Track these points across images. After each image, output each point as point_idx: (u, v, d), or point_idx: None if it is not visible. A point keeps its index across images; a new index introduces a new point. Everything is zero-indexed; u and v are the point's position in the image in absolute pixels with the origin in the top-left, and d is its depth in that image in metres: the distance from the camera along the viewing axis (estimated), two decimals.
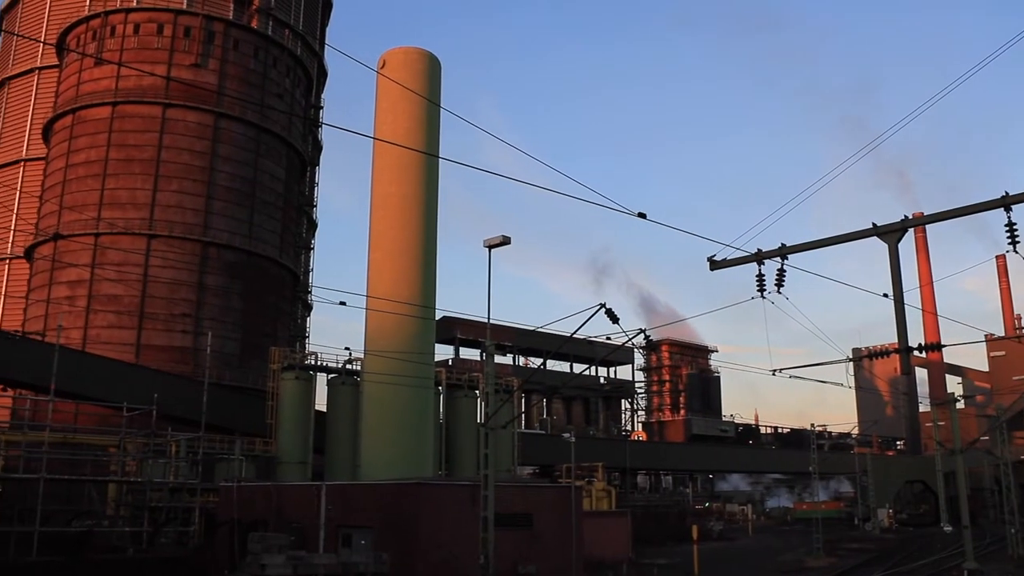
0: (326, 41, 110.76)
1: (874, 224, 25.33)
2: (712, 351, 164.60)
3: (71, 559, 35.60)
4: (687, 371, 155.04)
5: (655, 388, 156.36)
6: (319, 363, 65.65)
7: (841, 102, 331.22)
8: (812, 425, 76.22)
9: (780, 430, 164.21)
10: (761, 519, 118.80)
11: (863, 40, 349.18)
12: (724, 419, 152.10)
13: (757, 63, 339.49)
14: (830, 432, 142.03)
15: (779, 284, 26.56)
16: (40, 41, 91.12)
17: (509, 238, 29.26)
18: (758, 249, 26.88)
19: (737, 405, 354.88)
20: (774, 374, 32.71)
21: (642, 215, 22.83)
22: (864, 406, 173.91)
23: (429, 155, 59.98)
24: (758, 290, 26.91)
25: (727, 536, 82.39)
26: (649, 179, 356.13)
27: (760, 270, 26.84)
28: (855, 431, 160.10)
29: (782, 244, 26.36)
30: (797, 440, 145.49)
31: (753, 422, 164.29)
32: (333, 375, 64.74)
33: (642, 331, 31.49)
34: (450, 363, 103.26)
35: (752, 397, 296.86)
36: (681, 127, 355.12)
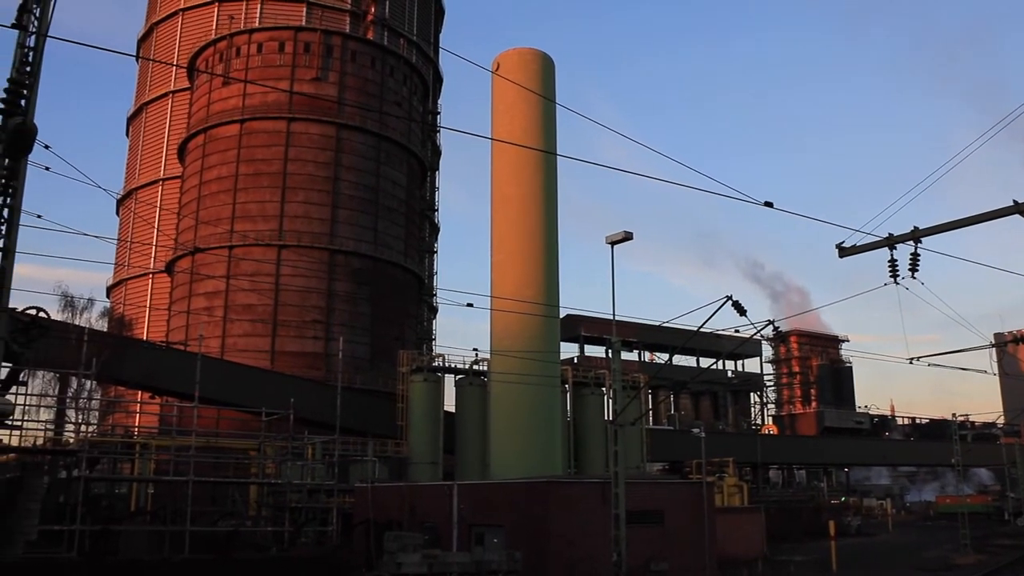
0: (440, 47, 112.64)
1: (1015, 201, 24.07)
2: (843, 340, 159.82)
3: (221, 557, 37.11)
4: (817, 362, 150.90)
5: (785, 380, 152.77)
6: (446, 365, 66.63)
7: (955, 58, 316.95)
8: (953, 415, 73.39)
9: (918, 420, 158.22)
10: (901, 514, 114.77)
11: None
12: (858, 410, 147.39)
13: (864, 34, 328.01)
14: (973, 422, 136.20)
15: (913, 269, 25.61)
16: (173, 64, 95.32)
17: (631, 234, 29.16)
18: (889, 234, 25.93)
19: (871, 396, 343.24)
20: (911, 363, 31.59)
21: (769, 204, 22.44)
22: (1010, 393, 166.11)
23: (547, 153, 60.16)
24: (891, 276, 25.99)
25: (865, 532, 79.97)
26: (772, 170, 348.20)
27: (892, 255, 25.91)
28: (1001, 420, 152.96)
29: (915, 227, 25.40)
30: (937, 431, 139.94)
31: (889, 413, 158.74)
32: (461, 376, 65.63)
33: (770, 322, 30.99)
34: (575, 361, 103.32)
35: (887, 387, 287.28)
36: (800, 114, 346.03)
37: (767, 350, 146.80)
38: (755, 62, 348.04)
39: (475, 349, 68.32)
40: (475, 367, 65.47)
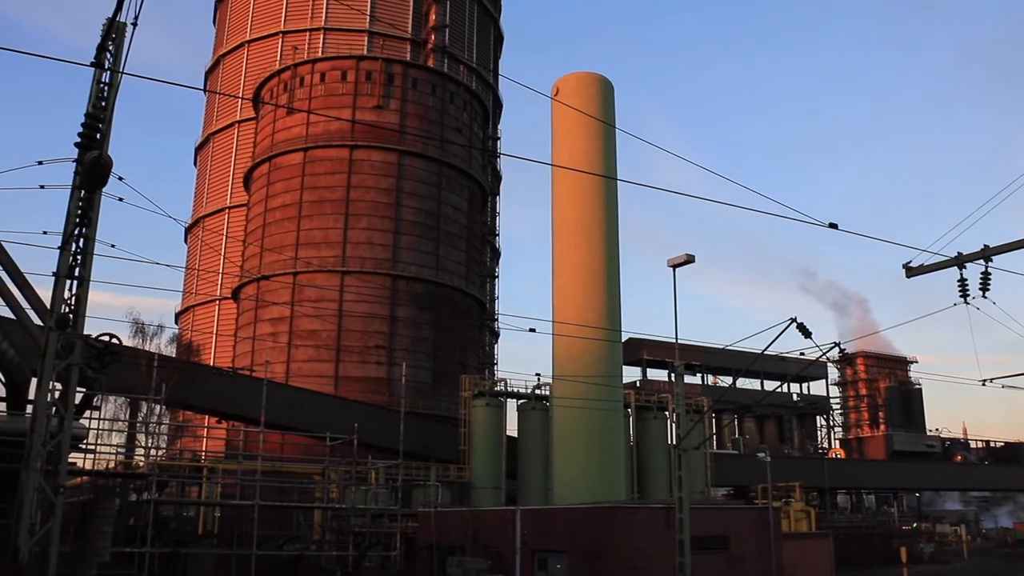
0: (499, 73, 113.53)
1: None
2: (911, 362, 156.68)
3: None
4: (885, 384, 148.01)
5: (852, 403, 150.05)
6: (508, 389, 66.64)
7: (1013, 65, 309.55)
8: None
9: (992, 444, 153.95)
10: (977, 540, 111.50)
11: None
12: (928, 433, 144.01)
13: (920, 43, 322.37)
14: None
15: (984, 288, 25.12)
16: (238, 97, 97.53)
17: (693, 256, 29.04)
18: (958, 252, 25.47)
19: (942, 418, 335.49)
20: (984, 384, 30.83)
21: (833, 225, 22.18)
22: None
23: (607, 178, 60.14)
24: (960, 296, 25.49)
25: (939, 559, 77.87)
26: (836, 190, 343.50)
27: (961, 274, 25.43)
28: None
29: (985, 246, 24.91)
30: (1012, 454, 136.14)
31: (961, 436, 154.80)
32: (523, 401, 65.60)
33: (836, 344, 30.53)
34: (638, 384, 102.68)
35: (959, 409, 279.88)
36: (866, 131, 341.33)
37: (833, 372, 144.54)
38: (816, 82, 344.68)
39: (537, 374, 68.66)
40: (537, 391, 65.42)
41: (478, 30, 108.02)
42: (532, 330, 36.35)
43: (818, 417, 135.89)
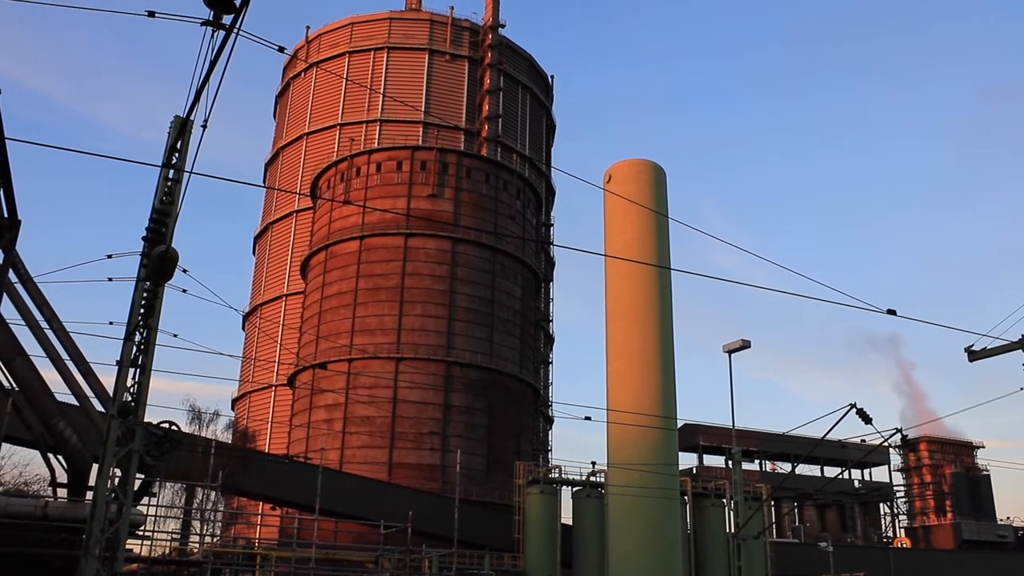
0: (552, 161, 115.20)
1: None
2: (978, 447, 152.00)
3: None
4: (951, 470, 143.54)
5: (916, 490, 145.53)
6: (563, 476, 66.03)
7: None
8: None
9: None
10: None
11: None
12: (1000, 522, 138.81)
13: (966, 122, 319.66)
14: None
15: None
16: (296, 192, 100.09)
17: (749, 342, 28.89)
18: (1022, 336, 25.08)
19: (1013, 507, 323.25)
20: None
21: (892, 312, 21.97)
22: None
23: (661, 268, 60.19)
24: None
25: None
26: (894, 267, 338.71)
27: None
28: None
29: None
30: None
31: None
32: (577, 488, 64.87)
33: (898, 430, 29.94)
34: (694, 471, 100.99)
35: None
36: (921, 208, 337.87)
37: (896, 458, 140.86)
38: (868, 162, 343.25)
39: (593, 462, 67.83)
40: (592, 479, 64.68)
41: (530, 119, 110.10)
42: (588, 418, 36.13)
43: (882, 504, 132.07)
